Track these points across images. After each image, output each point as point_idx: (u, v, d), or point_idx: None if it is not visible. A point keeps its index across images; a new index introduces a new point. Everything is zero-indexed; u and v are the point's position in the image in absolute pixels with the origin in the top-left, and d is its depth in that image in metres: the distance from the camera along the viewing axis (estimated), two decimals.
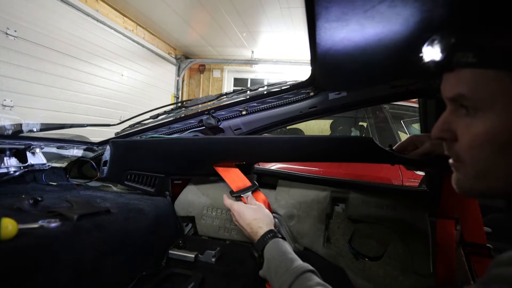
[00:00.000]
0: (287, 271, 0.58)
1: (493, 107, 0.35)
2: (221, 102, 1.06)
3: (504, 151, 0.35)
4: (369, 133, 2.76)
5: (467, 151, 0.39)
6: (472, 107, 0.37)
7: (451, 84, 0.39)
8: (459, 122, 0.39)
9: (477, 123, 0.37)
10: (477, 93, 0.35)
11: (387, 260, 0.87)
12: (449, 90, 0.39)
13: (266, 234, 0.69)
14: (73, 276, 0.53)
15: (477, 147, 0.37)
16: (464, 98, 0.37)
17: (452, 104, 0.40)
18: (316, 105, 0.97)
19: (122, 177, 0.98)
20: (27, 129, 0.97)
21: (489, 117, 0.35)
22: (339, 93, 0.93)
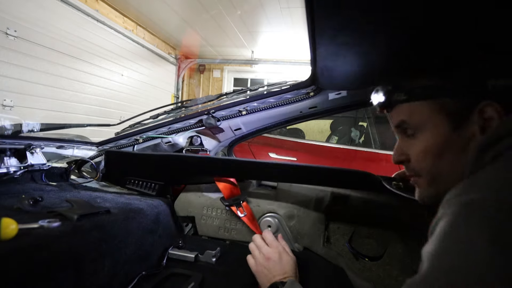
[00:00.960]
0: None
1: (426, 127, 0.48)
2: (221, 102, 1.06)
3: (442, 158, 0.47)
4: (369, 133, 2.76)
5: (417, 165, 0.50)
6: (413, 130, 0.49)
7: (395, 116, 0.52)
8: (408, 146, 0.52)
9: (418, 142, 0.49)
10: (413, 119, 0.49)
11: (387, 260, 0.87)
12: (394, 120, 0.52)
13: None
14: (73, 276, 0.53)
15: (422, 159, 0.49)
16: (405, 123, 0.50)
17: (399, 132, 0.53)
18: (316, 105, 0.97)
19: (122, 182, 0.99)
20: (27, 129, 0.97)
21: (425, 135, 0.48)
22: (339, 93, 0.93)
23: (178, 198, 1.02)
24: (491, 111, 0.42)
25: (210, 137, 1.10)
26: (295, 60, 5.10)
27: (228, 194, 0.92)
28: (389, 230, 0.90)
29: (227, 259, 0.83)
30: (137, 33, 4.09)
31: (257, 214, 0.95)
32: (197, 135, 1.07)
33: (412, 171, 0.52)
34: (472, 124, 0.44)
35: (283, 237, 0.93)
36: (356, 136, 2.79)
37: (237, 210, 0.90)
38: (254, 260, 0.74)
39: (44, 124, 1.03)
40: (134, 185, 0.99)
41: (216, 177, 0.93)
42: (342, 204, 0.93)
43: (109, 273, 0.61)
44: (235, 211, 0.90)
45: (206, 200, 1.00)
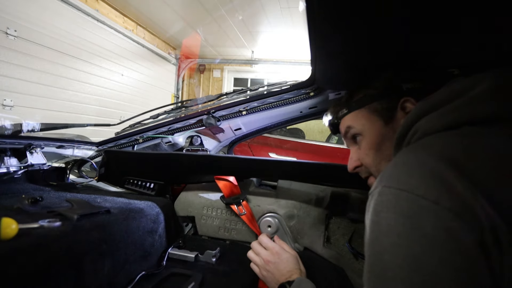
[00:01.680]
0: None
1: (365, 127, 0.58)
2: (221, 102, 1.06)
3: (381, 150, 0.56)
4: None
5: (366, 163, 0.59)
6: (358, 134, 0.60)
7: (342, 126, 0.63)
8: (358, 152, 0.61)
9: (363, 144, 0.59)
10: (355, 123, 0.60)
11: None
12: (342, 130, 0.63)
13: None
14: (73, 276, 0.53)
15: (366, 156, 0.58)
16: (350, 128, 0.60)
17: (349, 141, 0.63)
18: (316, 105, 0.97)
19: (121, 182, 0.99)
20: (27, 129, 0.97)
21: (366, 134, 0.58)
22: (339, 93, 0.93)
23: (178, 198, 1.02)
24: (409, 105, 0.53)
25: (210, 137, 1.10)
26: (295, 60, 5.10)
27: (228, 193, 0.92)
28: None
29: (227, 259, 0.83)
30: (137, 33, 4.09)
31: (257, 214, 0.95)
32: (197, 135, 1.07)
33: (366, 173, 0.60)
34: (398, 118, 0.54)
35: (282, 237, 0.93)
36: None
37: (237, 208, 0.90)
38: (257, 267, 0.74)
39: (44, 124, 1.03)
40: (133, 185, 0.99)
41: (216, 175, 0.93)
42: (342, 204, 0.93)
43: (109, 273, 0.61)
44: (235, 209, 0.90)
45: (206, 200, 1.00)
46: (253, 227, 0.90)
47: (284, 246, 0.77)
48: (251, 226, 0.90)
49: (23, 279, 0.45)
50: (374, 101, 0.57)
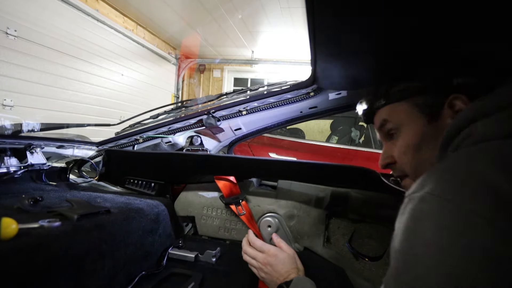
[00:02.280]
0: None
1: (404, 123, 0.53)
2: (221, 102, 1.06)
3: (421, 151, 0.51)
4: (369, 133, 2.76)
5: (401, 162, 0.54)
6: (394, 129, 0.54)
7: (377, 119, 0.58)
8: (392, 148, 0.56)
9: (399, 140, 0.54)
10: (393, 117, 0.54)
11: (387, 260, 0.87)
12: (377, 122, 0.58)
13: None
14: (73, 276, 0.53)
15: (404, 155, 0.53)
16: (386, 122, 0.55)
17: (383, 135, 0.58)
18: (316, 105, 0.97)
19: (121, 182, 0.99)
20: (27, 129, 0.97)
21: (405, 132, 0.53)
22: (339, 93, 0.93)
23: (178, 198, 1.02)
24: (459, 103, 0.47)
25: (210, 137, 1.10)
26: (295, 60, 5.10)
27: (228, 193, 0.92)
28: (389, 230, 0.90)
29: (227, 259, 0.83)
30: (137, 32, 4.09)
31: (257, 214, 0.95)
32: (197, 135, 1.07)
33: (399, 172, 0.55)
34: (445, 117, 0.49)
35: (282, 236, 0.93)
36: (356, 136, 2.78)
37: (236, 208, 0.90)
38: (256, 269, 0.73)
39: (44, 124, 1.03)
40: (134, 185, 0.99)
41: (216, 175, 0.93)
42: (342, 204, 0.93)
43: (109, 273, 0.61)
44: (234, 209, 0.90)
45: (206, 200, 1.00)
46: (252, 228, 0.90)
47: (282, 245, 0.76)
48: (250, 226, 0.90)
49: (23, 279, 0.45)
50: (418, 95, 0.51)
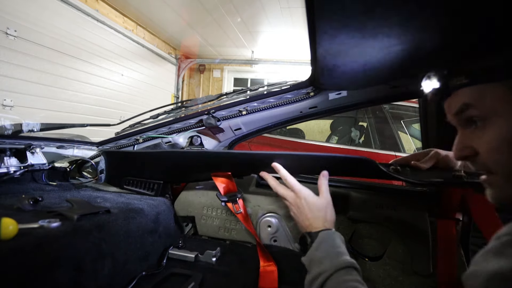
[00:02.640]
0: (334, 260, 0.58)
1: (499, 112, 0.40)
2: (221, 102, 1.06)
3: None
4: (369, 133, 2.76)
5: (489, 159, 0.42)
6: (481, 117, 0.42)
7: (454, 101, 0.45)
8: (473, 137, 0.44)
9: (489, 132, 0.41)
10: (482, 103, 0.41)
11: (387, 260, 0.87)
12: (454, 106, 0.45)
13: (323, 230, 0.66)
14: (73, 276, 0.53)
15: (496, 152, 0.41)
16: (470, 107, 0.42)
17: (460, 121, 0.46)
18: (316, 105, 0.97)
19: (121, 183, 0.99)
20: (27, 129, 0.97)
21: (497, 123, 0.40)
22: (339, 93, 0.92)
23: (178, 198, 1.02)
24: None
25: (210, 137, 1.09)
26: (295, 60, 5.10)
27: (225, 191, 0.91)
28: (389, 230, 0.90)
29: (227, 259, 0.83)
30: (137, 33, 4.09)
31: (257, 214, 0.95)
32: (197, 135, 1.07)
33: (483, 167, 0.44)
34: None
35: (282, 237, 0.93)
36: (356, 136, 2.79)
37: (233, 206, 0.90)
38: (288, 207, 0.73)
39: (44, 124, 1.03)
40: (133, 186, 0.99)
41: (214, 172, 0.92)
42: (342, 204, 0.93)
43: (109, 273, 0.61)
44: (231, 207, 0.89)
45: (206, 200, 1.00)
46: (248, 225, 0.90)
47: (322, 189, 0.73)
48: (245, 224, 0.89)
49: (23, 279, 0.45)
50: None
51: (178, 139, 1.06)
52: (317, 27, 0.47)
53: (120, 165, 0.99)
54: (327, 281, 0.55)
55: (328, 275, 0.55)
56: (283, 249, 0.91)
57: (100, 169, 0.98)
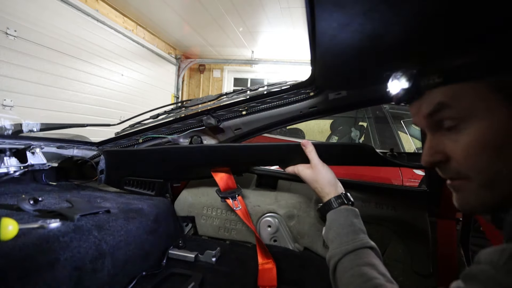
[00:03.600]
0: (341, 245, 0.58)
1: (475, 114, 0.36)
2: (221, 102, 1.06)
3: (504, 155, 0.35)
4: (369, 133, 2.76)
5: (464, 165, 0.38)
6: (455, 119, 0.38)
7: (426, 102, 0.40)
8: (445, 141, 0.40)
9: (465, 135, 0.37)
10: (457, 103, 0.37)
11: (387, 260, 0.87)
12: (426, 107, 0.40)
13: (334, 201, 0.68)
14: (73, 276, 0.53)
15: (473, 157, 0.37)
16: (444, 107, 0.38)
17: (431, 125, 0.41)
18: (316, 105, 0.97)
19: (120, 183, 0.99)
20: (27, 129, 0.97)
21: (475, 125, 0.36)
22: (339, 93, 0.92)
23: (178, 198, 1.02)
24: None
25: (210, 137, 1.09)
26: (295, 60, 5.10)
27: (224, 187, 0.91)
28: (389, 230, 0.90)
29: (227, 259, 0.83)
30: (137, 33, 4.09)
31: (257, 214, 0.95)
32: (197, 135, 1.07)
33: (455, 173, 0.41)
34: None
35: (282, 236, 0.93)
36: (356, 136, 2.79)
37: (232, 203, 0.89)
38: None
39: (44, 124, 1.03)
40: (133, 186, 0.99)
41: (213, 167, 0.92)
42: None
43: (109, 273, 0.61)
44: (230, 204, 0.89)
45: (206, 200, 1.00)
46: (248, 222, 0.90)
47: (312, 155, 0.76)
48: (245, 220, 0.89)
49: (23, 279, 0.45)
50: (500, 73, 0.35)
51: (178, 139, 1.06)
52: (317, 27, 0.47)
53: (120, 164, 0.99)
54: (337, 264, 0.57)
55: (338, 259, 0.56)
56: (283, 249, 0.91)
57: (100, 169, 0.98)
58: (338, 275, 0.55)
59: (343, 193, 0.69)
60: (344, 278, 0.53)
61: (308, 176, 0.73)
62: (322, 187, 0.70)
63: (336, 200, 0.67)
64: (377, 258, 0.56)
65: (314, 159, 0.74)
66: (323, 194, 0.70)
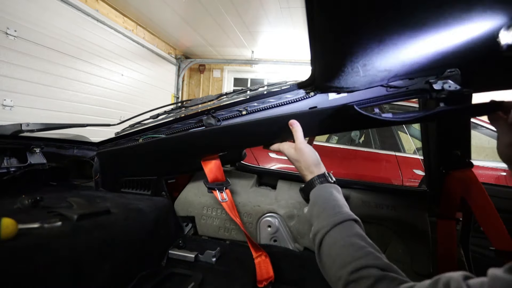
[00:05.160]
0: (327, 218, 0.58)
1: None
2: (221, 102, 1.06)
3: None
4: (369, 132, 2.76)
5: None
6: None
7: None
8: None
9: None
10: None
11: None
12: None
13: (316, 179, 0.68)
14: (73, 276, 0.53)
15: None
16: None
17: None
18: (316, 105, 0.97)
19: (117, 186, 0.99)
20: (27, 129, 0.97)
21: None
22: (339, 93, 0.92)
23: (178, 198, 1.02)
24: None
25: None
26: (295, 60, 5.10)
27: (212, 178, 0.91)
28: (389, 230, 0.90)
29: (227, 259, 0.83)
30: (137, 33, 4.09)
31: (257, 214, 0.95)
32: None
33: None
34: None
35: (282, 237, 0.93)
36: (356, 136, 2.79)
37: (219, 195, 0.89)
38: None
39: (44, 124, 1.03)
40: (129, 187, 0.99)
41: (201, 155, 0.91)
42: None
43: (109, 273, 0.61)
44: (216, 195, 0.89)
45: (206, 200, 1.00)
46: (233, 216, 0.89)
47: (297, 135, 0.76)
48: (231, 215, 0.89)
49: (23, 279, 0.45)
50: None
51: None
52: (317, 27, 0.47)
53: (113, 164, 0.98)
54: (325, 237, 0.55)
55: (325, 231, 0.56)
56: (283, 249, 0.91)
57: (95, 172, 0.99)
58: (325, 248, 0.55)
59: (325, 172, 0.69)
60: (334, 250, 0.53)
61: (293, 155, 0.73)
62: (306, 166, 0.70)
63: (318, 178, 0.67)
64: (362, 231, 0.56)
65: (299, 138, 0.75)
66: (306, 173, 0.70)
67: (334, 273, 0.50)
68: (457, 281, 0.33)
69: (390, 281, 0.43)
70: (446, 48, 0.54)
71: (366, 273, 0.45)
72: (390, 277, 0.44)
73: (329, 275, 0.52)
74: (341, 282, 0.47)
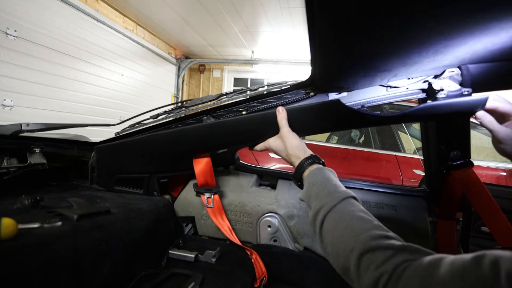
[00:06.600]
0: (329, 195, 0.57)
1: None
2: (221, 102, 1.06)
3: None
4: (369, 133, 2.76)
5: None
6: None
7: None
8: None
9: None
10: None
11: None
12: None
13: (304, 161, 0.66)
14: (73, 276, 0.53)
15: None
16: None
17: None
18: None
19: (111, 183, 0.99)
20: (27, 129, 0.97)
21: None
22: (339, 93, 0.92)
23: (178, 198, 1.02)
24: None
25: None
26: (295, 60, 5.10)
27: (202, 182, 0.90)
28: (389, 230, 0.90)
29: (227, 259, 0.83)
30: (137, 33, 4.09)
31: (257, 214, 0.95)
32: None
33: None
34: None
35: (282, 237, 0.93)
36: (356, 136, 2.79)
37: (206, 199, 0.88)
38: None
39: (44, 124, 1.03)
40: (122, 185, 0.99)
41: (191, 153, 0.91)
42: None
43: (109, 273, 0.61)
44: (203, 200, 0.88)
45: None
46: (218, 223, 0.88)
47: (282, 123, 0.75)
48: (215, 221, 0.89)
49: (23, 279, 0.45)
50: None
51: None
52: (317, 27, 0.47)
53: (109, 160, 0.99)
54: (329, 213, 0.54)
55: (330, 207, 0.54)
56: (283, 249, 0.91)
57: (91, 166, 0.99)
58: (330, 225, 0.52)
59: (312, 154, 0.68)
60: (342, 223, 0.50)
61: (279, 146, 0.72)
62: (292, 153, 0.69)
63: (306, 160, 0.66)
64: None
65: (284, 126, 0.73)
66: (294, 159, 0.68)
67: (344, 246, 0.46)
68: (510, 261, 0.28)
69: (411, 252, 0.40)
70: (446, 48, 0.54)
71: (384, 242, 0.42)
72: (411, 248, 0.40)
73: (337, 249, 0.48)
74: (355, 252, 0.43)
